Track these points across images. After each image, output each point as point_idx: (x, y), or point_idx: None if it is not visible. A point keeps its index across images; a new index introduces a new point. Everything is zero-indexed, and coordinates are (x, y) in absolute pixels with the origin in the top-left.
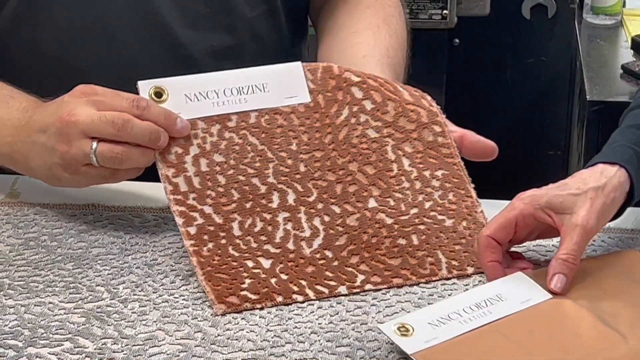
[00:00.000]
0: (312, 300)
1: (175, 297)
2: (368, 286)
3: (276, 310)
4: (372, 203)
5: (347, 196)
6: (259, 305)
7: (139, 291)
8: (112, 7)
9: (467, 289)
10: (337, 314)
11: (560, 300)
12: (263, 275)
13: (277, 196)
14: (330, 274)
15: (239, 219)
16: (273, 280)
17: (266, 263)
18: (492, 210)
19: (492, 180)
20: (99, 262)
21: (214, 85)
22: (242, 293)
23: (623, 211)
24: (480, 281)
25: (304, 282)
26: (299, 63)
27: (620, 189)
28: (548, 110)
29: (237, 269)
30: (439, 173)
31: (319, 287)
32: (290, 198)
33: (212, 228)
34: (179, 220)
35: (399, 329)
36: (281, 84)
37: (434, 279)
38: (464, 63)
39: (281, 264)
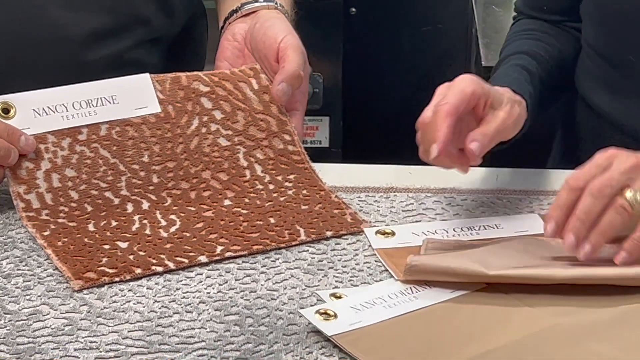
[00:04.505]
0: (177, 270)
1: (61, 271)
2: (228, 254)
3: (164, 281)
4: (227, 203)
5: (202, 199)
6: (117, 278)
7: (23, 266)
8: None
9: (356, 254)
10: (226, 282)
11: (490, 290)
12: (120, 254)
13: (131, 205)
14: (189, 247)
15: (94, 221)
16: (131, 257)
17: (123, 244)
18: (381, 174)
19: (392, 146)
20: None
21: (63, 99)
22: (100, 269)
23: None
24: (358, 240)
25: (162, 256)
26: (147, 75)
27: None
28: (446, 78)
29: (94, 252)
30: (291, 177)
31: (178, 258)
32: (145, 205)
33: (66, 229)
34: (32, 230)
35: (320, 313)
36: (130, 96)
37: (293, 243)
38: (360, 32)
39: (139, 244)
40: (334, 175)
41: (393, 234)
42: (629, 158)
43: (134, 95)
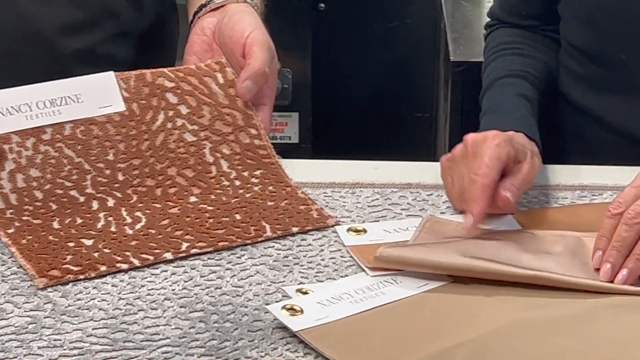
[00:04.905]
0: (142, 267)
1: (25, 269)
2: (194, 250)
3: (129, 278)
4: (193, 199)
5: (168, 196)
6: (82, 276)
7: None
8: None
9: (322, 250)
10: (192, 279)
11: (457, 284)
12: (85, 251)
13: (96, 203)
14: (155, 244)
15: (59, 219)
16: (96, 254)
17: (88, 242)
18: (347, 170)
19: (363, 141)
20: None
21: (26, 99)
22: (64, 266)
23: None
24: (323, 236)
25: (127, 253)
26: (111, 73)
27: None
28: (415, 73)
29: (58, 249)
30: (257, 172)
31: (143, 256)
32: (110, 203)
33: (31, 227)
34: None
35: (287, 309)
36: (95, 94)
37: (259, 239)
38: (329, 27)
39: (104, 241)
40: (301, 170)
41: (365, 231)
42: None
43: (98, 94)
